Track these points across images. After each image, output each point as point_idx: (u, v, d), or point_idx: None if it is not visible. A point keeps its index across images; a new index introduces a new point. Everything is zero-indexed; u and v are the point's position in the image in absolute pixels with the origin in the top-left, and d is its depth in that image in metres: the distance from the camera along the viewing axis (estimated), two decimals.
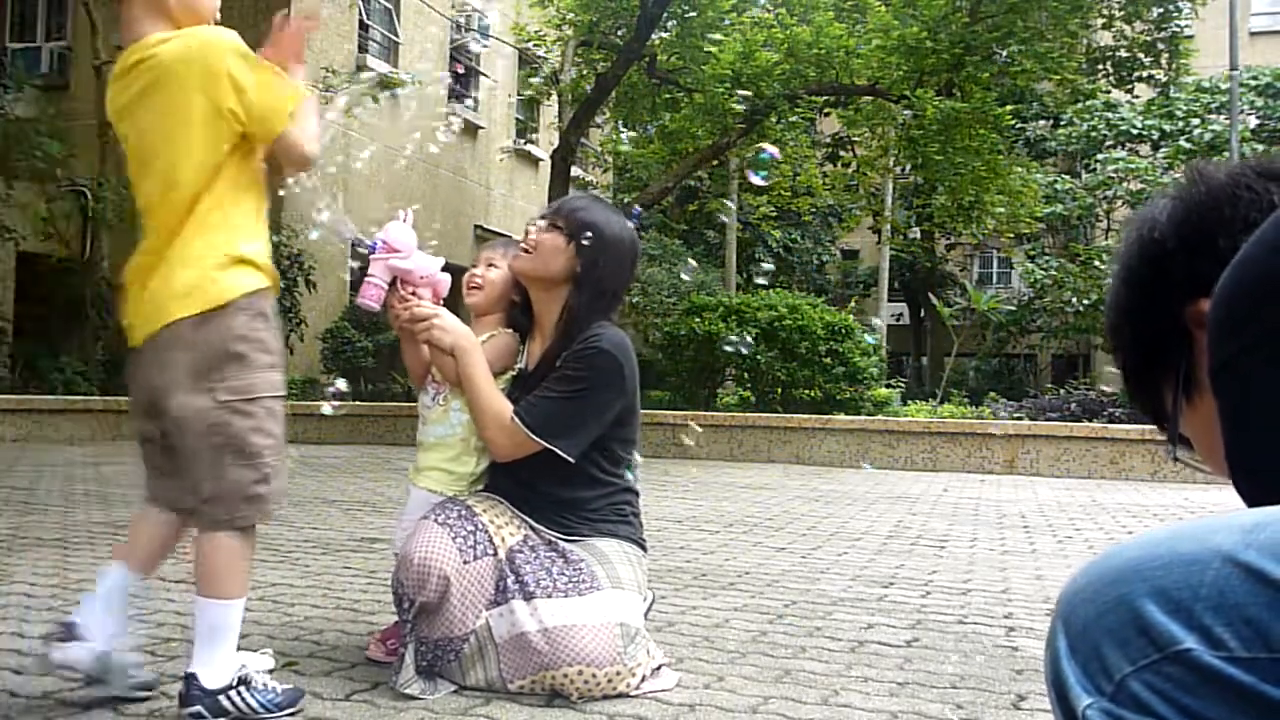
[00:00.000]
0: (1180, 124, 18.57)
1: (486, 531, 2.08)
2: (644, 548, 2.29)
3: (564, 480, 2.17)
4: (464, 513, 2.09)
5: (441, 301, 2.23)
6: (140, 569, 1.96)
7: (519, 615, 1.99)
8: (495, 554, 2.07)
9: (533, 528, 2.18)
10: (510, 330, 2.29)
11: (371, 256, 2.12)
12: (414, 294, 2.15)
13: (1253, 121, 18.59)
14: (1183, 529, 0.63)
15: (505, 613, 2.01)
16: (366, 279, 2.10)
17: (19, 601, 2.78)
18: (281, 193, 2.11)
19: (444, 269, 2.22)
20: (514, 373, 2.27)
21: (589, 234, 2.19)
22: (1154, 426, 0.85)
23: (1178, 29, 16.30)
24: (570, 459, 2.13)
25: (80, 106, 13.32)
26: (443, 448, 2.25)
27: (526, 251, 2.22)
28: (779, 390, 10.41)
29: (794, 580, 3.41)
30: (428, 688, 1.99)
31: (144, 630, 2.47)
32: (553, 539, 2.16)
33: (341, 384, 6.61)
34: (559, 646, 1.95)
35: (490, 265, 2.31)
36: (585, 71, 14.67)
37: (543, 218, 2.26)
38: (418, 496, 2.23)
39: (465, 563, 2.01)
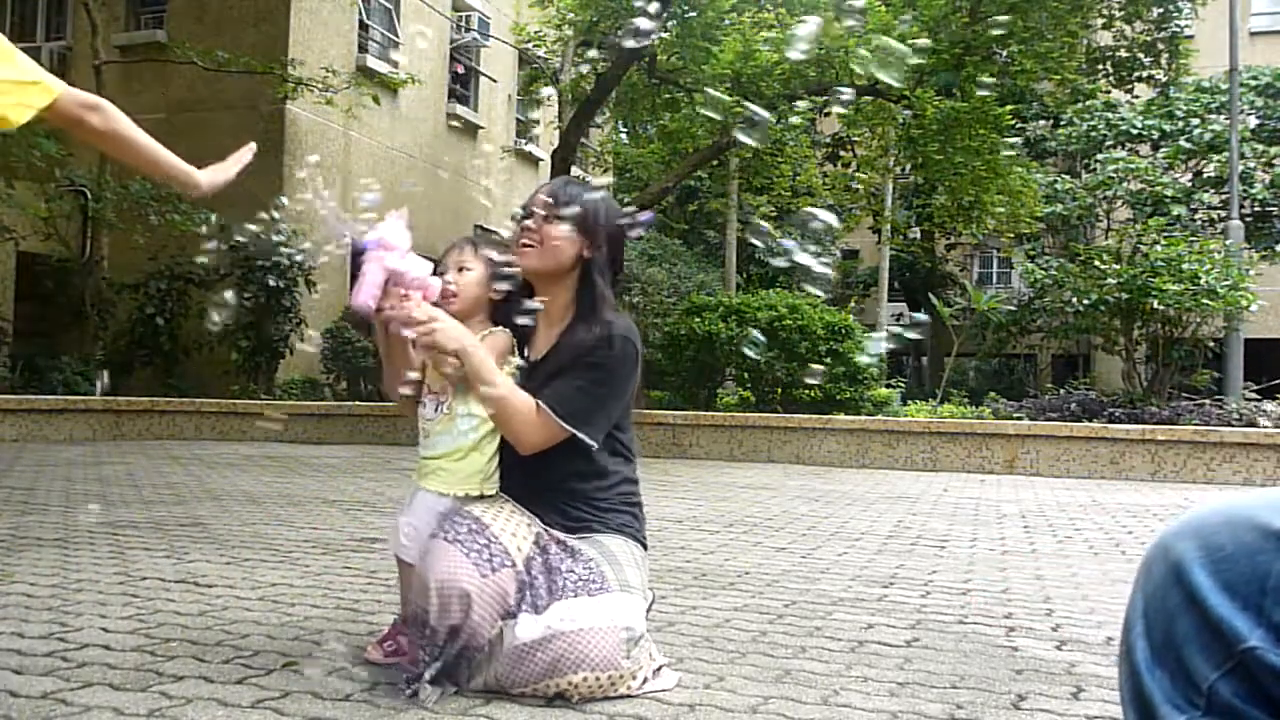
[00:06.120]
0: (1180, 124, 18.55)
1: (500, 543, 2.05)
2: (645, 546, 2.29)
3: (572, 470, 2.17)
4: (474, 527, 2.05)
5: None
6: None
7: (528, 628, 1.97)
8: (514, 565, 2.04)
9: (542, 526, 2.17)
10: (504, 328, 2.24)
11: (366, 256, 2.06)
12: (406, 296, 2.07)
13: (1253, 121, 18.57)
14: (1235, 513, 0.61)
15: (516, 623, 1.99)
16: (361, 279, 2.04)
17: (19, 601, 2.77)
18: (284, 198, 2.07)
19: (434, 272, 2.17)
20: (510, 367, 2.22)
21: (588, 214, 2.21)
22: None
23: (1178, 29, 16.34)
24: (595, 444, 2.15)
25: None
26: (450, 453, 2.20)
27: (528, 246, 2.20)
28: (779, 390, 10.41)
29: (794, 580, 3.41)
30: (437, 693, 1.96)
31: (143, 630, 2.48)
32: (562, 538, 2.15)
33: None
34: (563, 653, 1.93)
35: (461, 269, 2.24)
36: (585, 71, 14.65)
37: (529, 210, 2.23)
38: (424, 500, 2.17)
39: (484, 576, 1.97)
